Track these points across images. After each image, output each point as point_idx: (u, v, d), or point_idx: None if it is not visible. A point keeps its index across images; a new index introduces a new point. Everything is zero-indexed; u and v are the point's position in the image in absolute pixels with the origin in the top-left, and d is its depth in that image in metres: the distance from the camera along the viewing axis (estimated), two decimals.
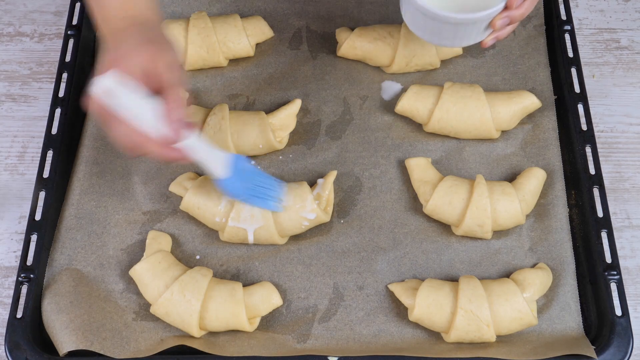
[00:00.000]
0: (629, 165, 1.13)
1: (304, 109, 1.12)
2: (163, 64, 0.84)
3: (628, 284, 1.04)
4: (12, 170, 1.13)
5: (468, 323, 0.93)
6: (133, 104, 0.82)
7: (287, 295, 0.99)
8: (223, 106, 1.07)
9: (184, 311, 0.93)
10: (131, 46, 0.84)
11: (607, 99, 1.19)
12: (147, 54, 0.84)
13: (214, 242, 1.02)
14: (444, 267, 1.01)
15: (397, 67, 1.14)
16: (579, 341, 0.94)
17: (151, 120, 0.83)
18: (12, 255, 1.06)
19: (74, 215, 1.04)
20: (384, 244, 1.02)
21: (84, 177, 1.06)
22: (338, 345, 0.95)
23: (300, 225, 1.00)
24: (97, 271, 1.00)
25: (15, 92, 1.20)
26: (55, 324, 0.95)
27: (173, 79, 0.84)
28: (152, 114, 0.83)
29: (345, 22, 1.20)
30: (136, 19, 0.87)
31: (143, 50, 0.84)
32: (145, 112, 0.83)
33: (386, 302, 0.98)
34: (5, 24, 1.27)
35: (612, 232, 1.00)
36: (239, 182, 0.95)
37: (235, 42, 1.14)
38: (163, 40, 0.87)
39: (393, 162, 1.08)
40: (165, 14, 1.20)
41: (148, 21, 0.88)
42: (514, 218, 1.01)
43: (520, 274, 0.98)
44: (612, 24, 1.27)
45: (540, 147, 1.09)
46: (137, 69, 0.83)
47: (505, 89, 1.13)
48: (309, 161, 1.08)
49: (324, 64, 1.16)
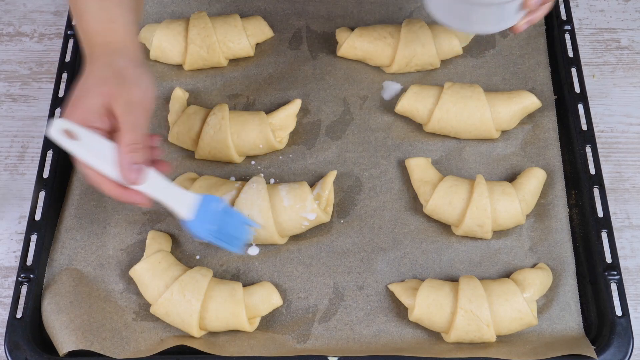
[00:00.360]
0: (629, 165, 1.13)
1: (304, 109, 1.12)
2: (122, 103, 0.83)
3: (628, 284, 1.03)
4: (12, 170, 1.13)
5: (468, 323, 0.93)
6: (88, 146, 0.82)
7: (287, 295, 0.99)
8: (223, 106, 1.07)
9: (184, 311, 0.93)
10: (95, 81, 0.84)
11: (607, 99, 1.19)
12: (108, 91, 0.83)
13: None
14: (444, 267, 1.01)
15: (397, 67, 1.14)
16: (579, 341, 0.94)
17: (107, 162, 0.83)
18: (12, 256, 1.06)
19: (74, 215, 1.04)
20: (384, 244, 1.02)
21: (84, 177, 1.06)
22: (338, 345, 0.95)
23: (300, 226, 1.00)
24: (97, 271, 1.00)
25: (15, 92, 1.20)
26: (55, 324, 0.95)
27: (128, 120, 0.83)
28: (109, 156, 0.83)
29: (345, 22, 1.20)
30: (112, 45, 0.86)
31: (104, 89, 0.83)
32: (101, 155, 0.83)
33: (386, 302, 0.98)
34: (5, 23, 1.27)
35: (612, 232, 1.00)
36: (204, 223, 0.92)
37: (235, 42, 1.14)
38: (131, 75, 0.85)
39: (393, 162, 1.08)
40: (165, 14, 1.20)
41: (125, 48, 0.87)
42: (514, 218, 1.01)
43: (520, 274, 0.98)
44: (612, 24, 1.27)
45: (540, 147, 1.08)
46: (95, 107, 0.83)
47: (505, 89, 1.13)
48: (309, 161, 1.08)
49: (324, 64, 1.16)
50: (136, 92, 0.84)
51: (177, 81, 1.14)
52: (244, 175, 1.07)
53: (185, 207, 0.91)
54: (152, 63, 1.15)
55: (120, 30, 0.88)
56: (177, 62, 1.15)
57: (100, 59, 0.86)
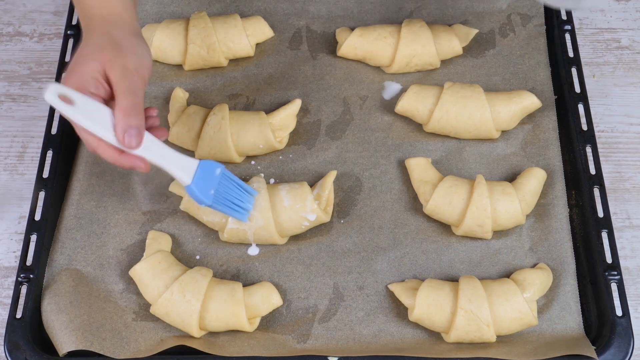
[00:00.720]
0: (630, 165, 1.13)
1: (304, 109, 1.12)
2: (118, 68, 0.84)
3: (628, 284, 1.03)
4: (11, 170, 1.13)
5: (468, 323, 0.93)
6: (85, 111, 0.83)
7: (287, 295, 0.99)
8: (223, 106, 1.07)
9: (184, 311, 0.93)
10: (91, 49, 0.85)
11: (607, 99, 1.19)
12: (104, 58, 0.84)
13: (214, 242, 1.02)
14: (444, 267, 1.01)
15: (397, 67, 1.14)
16: (579, 341, 0.94)
17: (104, 127, 0.84)
18: (12, 256, 1.06)
19: (74, 215, 1.04)
20: (384, 244, 1.02)
21: (83, 177, 1.06)
22: (338, 346, 0.95)
23: (300, 226, 1.00)
24: (97, 271, 1.00)
25: (15, 92, 1.20)
26: (54, 324, 0.95)
27: (124, 85, 0.84)
28: (106, 121, 0.84)
29: (345, 22, 1.20)
30: (109, 18, 0.88)
31: (100, 55, 0.84)
32: (98, 119, 0.83)
33: (386, 302, 0.98)
34: (4, 23, 1.27)
35: (612, 232, 1.00)
36: (205, 189, 0.92)
37: (235, 42, 1.14)
38: (127, 43, 0.86)
39: (393, 162, 1.08)
40: (165, 14, 1.20)
41: (121, 20, 0.88)
42: (514, 218, 1.00)
43: (521, 274, 0.98)
44: (612, 24, 1.27)
45: (540, 147, 1.08)
46: (91, 73, 0.83)
47: (506, 89, 1.13)
48: (309, 161, 1.08)
49: (324, 64, 1.16)
50: (132, 59, 0.85)
51: (177, 81, 1.14)
52: (244, 175, 1.07)
53: (184, 172, 0.91)
54: (152, 63, 1.15)
55: (117, 3, 0.89)
56: (177, 62, 1.15)
57: (97, 29, 0.87)
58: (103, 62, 0.84)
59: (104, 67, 0.84)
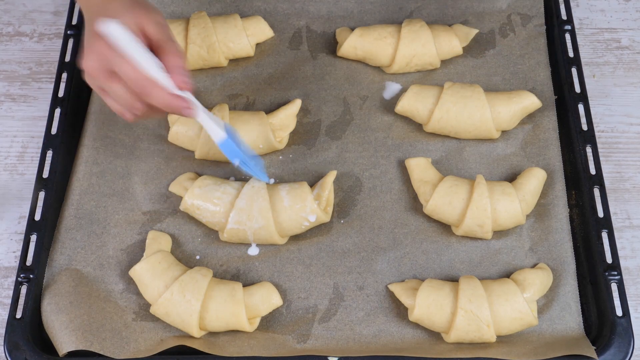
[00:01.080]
0: (630, 165, 1.13)
1: (304, 109, 1.12)
2: (152, 23, 0.88)
3: (629, 284, 1.03)
4: (11, 170, 1.13)
5: (468, 323, 0.93)
6: (139, 52, 0.85)
7: (287, 295, 0.99)
8: (223, 106, 1.07)
9: (183, 311, 0.93)
10: (118, 8, 0.87)
11: (607, 99, 1.19)
12: (136, 14, 0.87)
13: (214, 242, 1.02)
14: (444, 267, 1.01)
15: (397, 67, 1.14)
16: (579, 341, 0.94)
17: (157, 69, 0.86)
18: (12, 256, 1.06)
19: (74, 215, 1.04)
20: (384, 244, 1.02)
21: (83, 177, 1.06)
22: (338, 346, 0.95)
23: (300, 226, 1.00)
24: (97, 271, 1.00)
25: (15, 92, 1.20)
26: (54, 324, 0.95)
27: (166, 35, 0.88)
28: (156, 65, 0.86)
29: (345, 22, 1.20)
30: None
31: (131, 12, 0.87)
32: (151, 62, 0.86)
33: (386, 302, 0.98)
34: (4, 23, 1.27)
35: (612, 232, 1.00)
36: (235, 145, 0.97)
37: (235, 42, 1.14)
38: (148, 4, 0.90)
39: (393, 162, 1.08)
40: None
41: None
42: (514, 218, 1.00)
43: (521, 274, 0.97)
44: (612, 24, 1.27)
45: (540, 147, 1.08)
46: (130, 26, 0.86)
47: (506, 89, 1.13)
48: (309, 161, 1.08)
49: (324, 64, 1.16)
50: (160, 16, 0.90)
51: None
52: (244, 175, 1.07)
53: (218, 126, 0.96)
54: None
55: None
56: None
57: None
58: (138, 17, 0.87)
59: (140, 21, 0.87)
